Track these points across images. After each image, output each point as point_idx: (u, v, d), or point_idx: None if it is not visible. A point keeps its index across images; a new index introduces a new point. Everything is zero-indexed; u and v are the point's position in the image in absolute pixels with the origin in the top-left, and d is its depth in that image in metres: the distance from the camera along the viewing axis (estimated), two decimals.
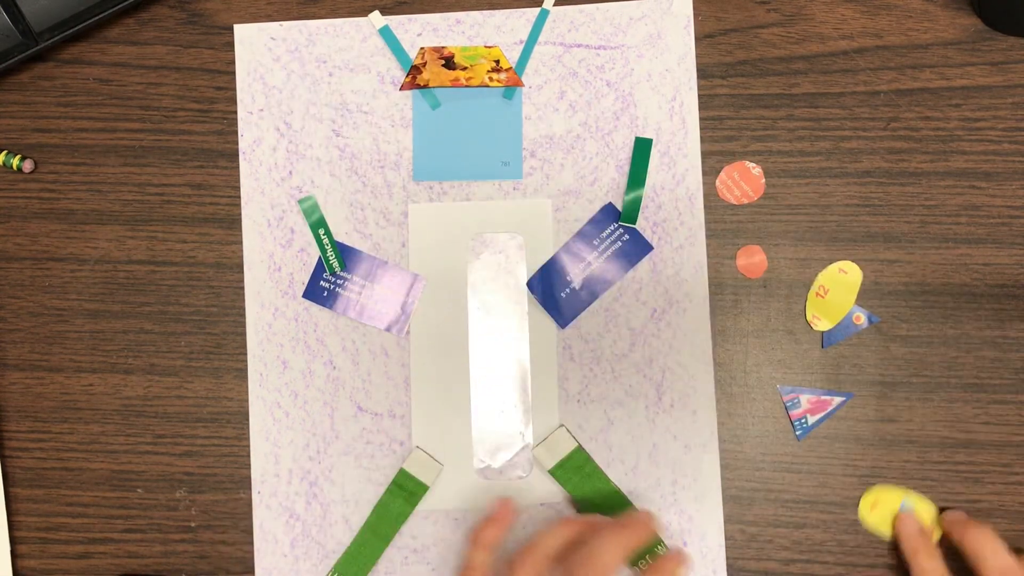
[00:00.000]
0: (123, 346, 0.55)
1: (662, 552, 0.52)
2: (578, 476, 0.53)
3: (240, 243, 0.55)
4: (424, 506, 0.53)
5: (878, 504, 0.52)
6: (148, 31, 0.56)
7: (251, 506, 0.54)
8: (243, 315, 0.54)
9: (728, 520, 0.53)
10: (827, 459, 0.53)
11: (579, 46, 0.55)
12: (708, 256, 0.54)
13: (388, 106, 0.55)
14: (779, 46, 0.54)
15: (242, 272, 0.55)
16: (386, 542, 0.53)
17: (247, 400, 0.54)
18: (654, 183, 0.54)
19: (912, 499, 0.52)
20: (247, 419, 0.54)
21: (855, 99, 0.54)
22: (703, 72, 0.54)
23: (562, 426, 0.53)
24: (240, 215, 0.55)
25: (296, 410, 0.54)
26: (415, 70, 0.55)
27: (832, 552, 0.52)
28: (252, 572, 0.53)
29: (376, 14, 0.55)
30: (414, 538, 0.53)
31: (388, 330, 0.54)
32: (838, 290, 0.53)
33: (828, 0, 0.54)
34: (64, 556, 0.54)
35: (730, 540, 0.53)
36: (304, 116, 0.55)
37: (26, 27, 0.53)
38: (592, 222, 0.54)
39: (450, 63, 0.55)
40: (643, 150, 0.54)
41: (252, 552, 0.54)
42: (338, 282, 0.54)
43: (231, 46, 0.56)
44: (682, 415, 0.53)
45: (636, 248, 0.54)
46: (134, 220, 0.55)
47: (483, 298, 0.54)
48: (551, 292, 0.54)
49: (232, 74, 0.55)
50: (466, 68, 0.55)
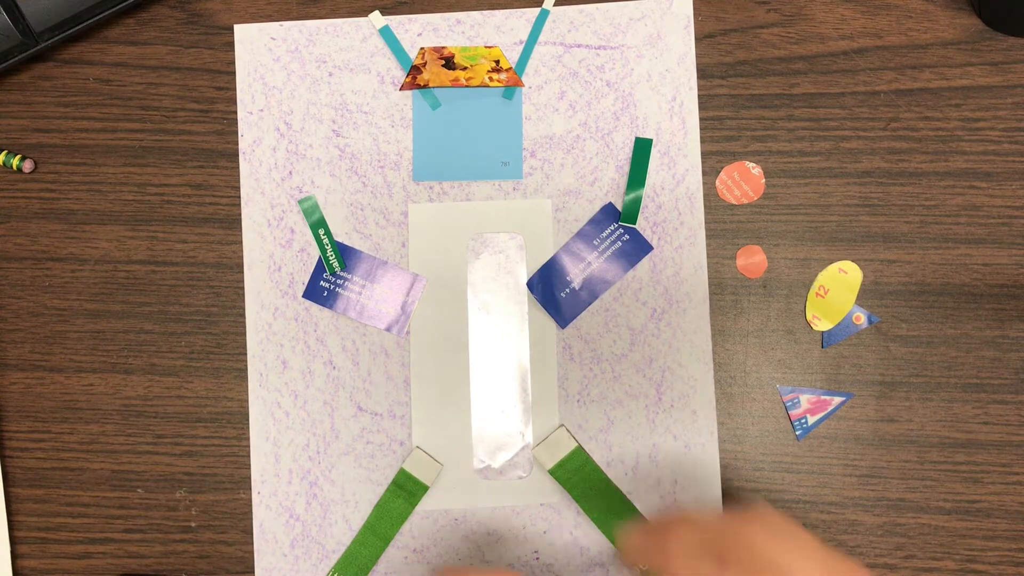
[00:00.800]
0: (123, 346, 0.55)
1: None
2: (578, 476, 0.53)
3: (240, 243, 0.55)
4: (424, 506, 0.53)
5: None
6: (148, 31, 0.56)
7: (251, 506, 0.54)
8: (243, 315, 0.54)
9: None
10: (827, 459, 0.53)
11: (579, 46, 0.55)
12: (708, 256, 0.54)
13: (388, 106, 0.55)
14: (779, 46, 0.54)
15: (242, 272, 0.55)
16: (386, 542, 0.53)
17: (247, 400, 0.54)
18: (654, 183, 0.54)
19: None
20: (247, 419, 0.54)
21: (855, 99, 0.54)
22: (703, 72, 0.54)
23: (562, 426, 0.53)
24: (240, 215, 0.55)
25: (296, 410, 0.54)
26: (415, 70, 0.55)
27: None
28: (252, 572, 0.53)
29: (376, 14, 0.55)
30: (414, 538, 0.53)
31: (388, 330, 0.54)
32: (838, 290, 0.53)
33: (828, 0, 0.54)
34: (64, 556, 0.54)
35: None
36: (304, 116, 0.55)
37: (26, 27, 0.53)
38: (592, 222, 0.54)
39: (450, 63, 0.55)
40: (643, 150, 0.54)
41: (252, 552, 0.54)
42: (338, 282, 0.54)
43: (231, 46, 0.56)
44: (682, 415, 0.53)
45: (636, 248, 0.54)
46: (134, 220, 0.55)
47: (483, 298, 0.54)
48: (551, 292, 0.54)
49: (232, 74, 0.55)
50: (466, 68, 0.55)
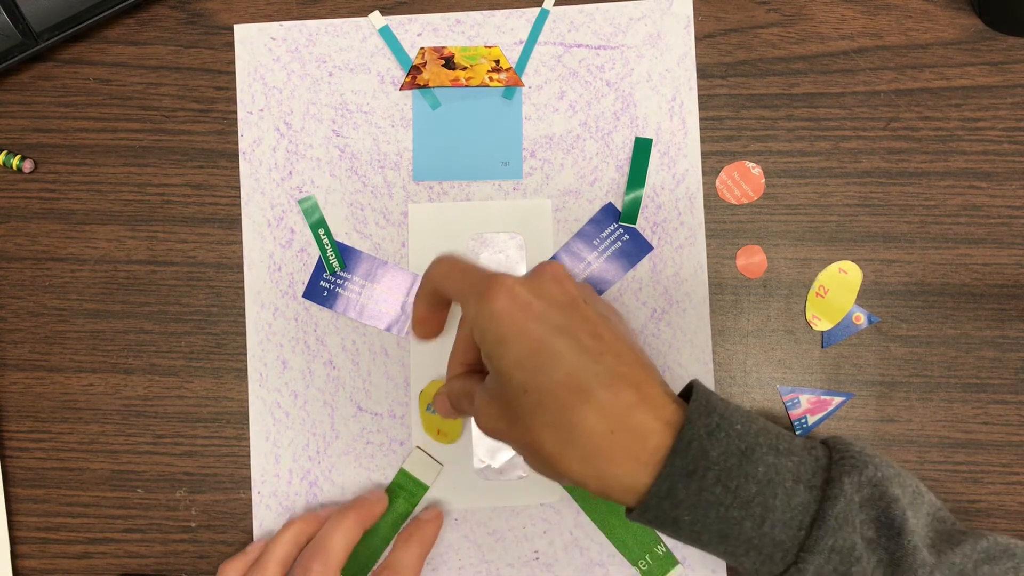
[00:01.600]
0: (123, 346, 0.55)
1: (661, 551, 0.52)
2: None
3: (240, 243, 0.55)
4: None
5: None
6: (148, 31, 0.56)
7: (251, 506, 0.54)
8: (243, 315, 0.54)
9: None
10: None
11: (579, 46, 0.55)
12: (708, 256, 0.54)
13: (388, 106, 0.55)
14: (779, 46, 0.54)
15: (242, 272, 0.55)
16: (386, 542, 0.53)
17: (247, 400, 0.54)
18: (654, 183, 0.54)
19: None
20: (247, 419, 0.54)
21: (855, 99, 0.54)
22: (703, 72, 0.54)
23: None
24: (240, 215, 0.55)
25: (296, 410, 0.54)
26: (415, 70, 0.55)
27: None
28: None
29: (376, 14, 0.55)
30: None
31: (388, 330, 0.54)
32: (838, 290, 0.53)
33: (828, 0, 0.54)
34: (64, 556, 0.54)
35: None
36: (304, 116, 0.55)
37: (26, 27, 0.53)
38: (592, 222, 0.54)
39: (450, 63, 0.55)
40: (643, 150, 0.54)
41: None
42: (338, 282, 0.54)
43: (231, 46, 0.56)
44: None
45: (636, 248, 0.54)
46: (134, 220, 0.55)
47: None
48: None
49: (232, 74, 0.55)
50: (466, 68, 0.55)
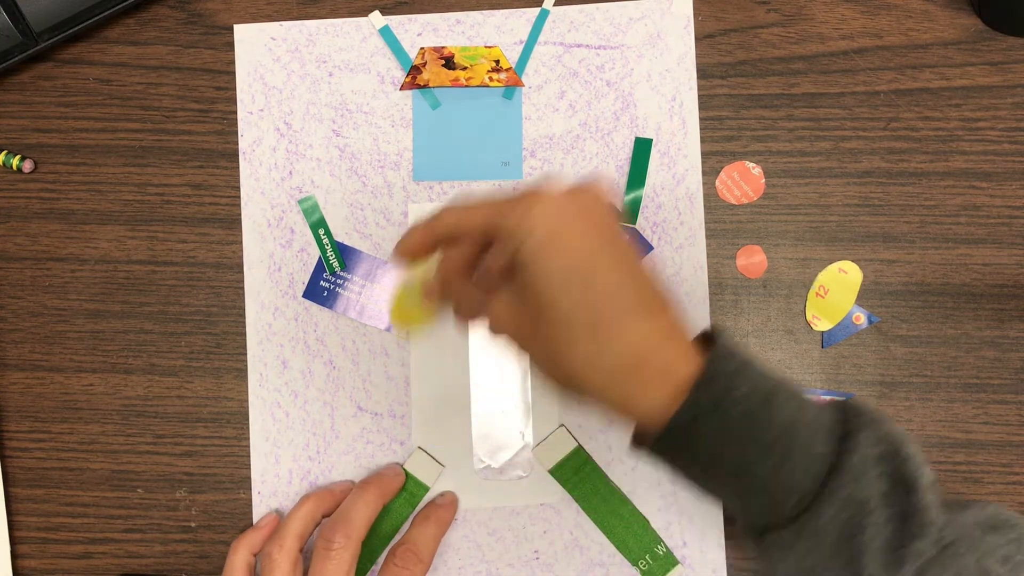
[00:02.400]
0: (123, 346, 0.55)
1: (661, 552, 0.52)
2: (578, 476, 0.53)
3: (240, 243, 0.55)
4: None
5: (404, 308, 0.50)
6: (148, 31, 0.56)
7: (251, 506, 0.54)
8: (243, 315, 0.54)
9: (728, 521, 0.53)
10: None
11: (579, 46, 0.55)
12: (708, 256, 0.54)
13: (388, 106, 0.55)
14: (779, 46, 0.54)
15: (242, 272, 0.55)
16: (386, 542, 0.53)
17: (247, 400, 0.54)
18: (654, 183, 0.54)
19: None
20: (247, 419, 0.54)
21: (855, 99, 0.54)
22: (703, 72, 0.54)
23: (562, 426, 0.53)
24: (240, 215, 0.55)
25: (296, 410, 0.54)
26: (415, 70, 0.55)
27: None
28: None
29: (376, 14, 0.55)
30: None
31: (388, 330, 0.54)
32: (838, 290, 0.53)
33: (828, 0, 0.54)
34: (64, 556, 0.54)
35: (730, 541, 0.53)
36: (304, 116, 0.55)
37: (26, 27, 0.53)
38: None
39: (450, 63, 0.55)
40: (643, 150, 0.54)
41: None
42: (338, 282, 0.54)
43: (231, 46, 0.56)
44: None
45: (636, 248, 0.54)
46: (134, 220, 0.55)
47: None
48: None
49: (232, 74, 0.55)
50: (466, 68, 0.55)
